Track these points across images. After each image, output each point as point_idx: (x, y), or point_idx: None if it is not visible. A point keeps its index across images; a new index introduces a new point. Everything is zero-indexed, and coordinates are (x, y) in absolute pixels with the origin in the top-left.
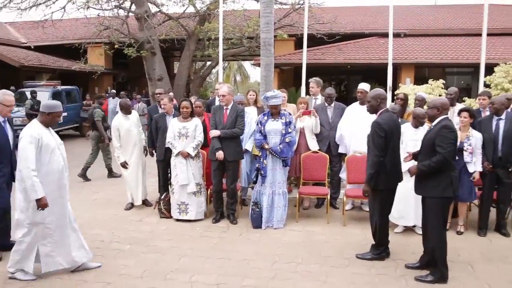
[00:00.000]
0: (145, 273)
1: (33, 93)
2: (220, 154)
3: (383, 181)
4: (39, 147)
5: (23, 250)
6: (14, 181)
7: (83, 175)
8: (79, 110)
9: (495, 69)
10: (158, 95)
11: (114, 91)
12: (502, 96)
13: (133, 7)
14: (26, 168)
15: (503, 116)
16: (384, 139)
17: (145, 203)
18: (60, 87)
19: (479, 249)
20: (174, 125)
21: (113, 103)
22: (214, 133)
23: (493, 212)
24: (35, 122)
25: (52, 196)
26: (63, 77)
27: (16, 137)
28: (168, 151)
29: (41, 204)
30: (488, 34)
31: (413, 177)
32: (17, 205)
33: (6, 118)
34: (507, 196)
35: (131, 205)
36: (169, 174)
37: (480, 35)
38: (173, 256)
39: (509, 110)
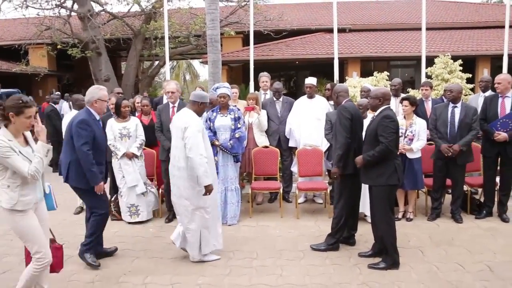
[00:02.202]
0: (96, 278)
1: None
2: None
3: (351, 165)
4: (203, 133)
5: (191, 238)
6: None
7: None
8: None
9: (435, 60)
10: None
11: (59, 93)
12: (457, 85)
13: (75, 6)
14: (199, 155)
15: (458, 105)
16: (351, 122)
17: None
18: None
19: (428, 234)
20: (112, 126)
21: (57, 105)
22: None
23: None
24: (190, 111)
25: (213, 179)
26: (3, 79)
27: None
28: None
29: (209, 189)
30: (427, 29)
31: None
32: (177, 194)
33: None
34: (459, 184)
35: (81, 209)
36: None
37: (420, 29)
38: (125, 259)
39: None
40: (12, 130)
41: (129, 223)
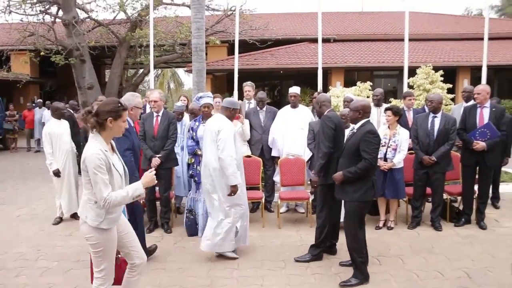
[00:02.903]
0: None
1: None
2: (156, 160)
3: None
4: (234, 136)
5: (224, 232)
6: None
7: None
8: (2, 121)
9: (417, 71)
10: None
11: (41, 100)
12: (437, 95)
13: (60, 13)
14: (229, 157)
15: (438, 115)
16: (334, 131)
17: (75, 216)
18: None
19: (408, 242)
20: None
21: (39, 113)
22: (155, 162)
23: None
24: (223, 117)
25: (242, 179)
26: None
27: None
28: None
29: (235, 190)
30: (410, 40)
31: None
32: (209, 191)
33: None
34: (439, 193)
35: (60, 219)
36: None
37: (403, 40)
38: None
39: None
40: (105, 137)
41: None
